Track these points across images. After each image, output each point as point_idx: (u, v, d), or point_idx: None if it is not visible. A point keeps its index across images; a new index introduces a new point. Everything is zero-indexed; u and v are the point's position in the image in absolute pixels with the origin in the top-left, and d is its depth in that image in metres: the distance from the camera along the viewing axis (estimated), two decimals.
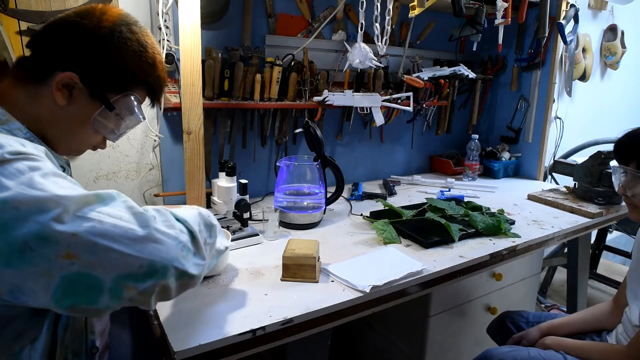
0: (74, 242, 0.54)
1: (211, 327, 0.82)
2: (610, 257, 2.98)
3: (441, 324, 1.46)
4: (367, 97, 1.72)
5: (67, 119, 0.74)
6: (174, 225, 0.65)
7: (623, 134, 1.16)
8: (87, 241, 0.55)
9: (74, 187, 0.59)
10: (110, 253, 0.56)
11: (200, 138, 1.23)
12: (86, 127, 0.76)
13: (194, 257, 0.66)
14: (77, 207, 0.56)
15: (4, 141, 0.58)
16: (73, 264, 0.54)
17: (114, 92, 0.76)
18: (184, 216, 0.69)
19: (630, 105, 3.08)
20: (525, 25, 2.02)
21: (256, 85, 1.47)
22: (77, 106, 0.73)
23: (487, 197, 1.77)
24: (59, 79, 0.70)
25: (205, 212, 0.77)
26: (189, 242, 0.66)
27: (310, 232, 1.34)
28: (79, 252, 0.54)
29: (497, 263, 1.28)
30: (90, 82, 0.72)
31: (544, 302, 2.41)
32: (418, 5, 1.45)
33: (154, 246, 0.60)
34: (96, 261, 0.55)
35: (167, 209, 0.68)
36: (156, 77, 0.80)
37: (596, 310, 1.28)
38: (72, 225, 0.54)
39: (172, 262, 0.61)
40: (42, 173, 0.57)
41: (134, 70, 0.76)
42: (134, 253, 0.57)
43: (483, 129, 2.32)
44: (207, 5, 1.38)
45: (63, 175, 0.60)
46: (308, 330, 0.90)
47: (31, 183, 0.55)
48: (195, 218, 0.72)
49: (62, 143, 0.76)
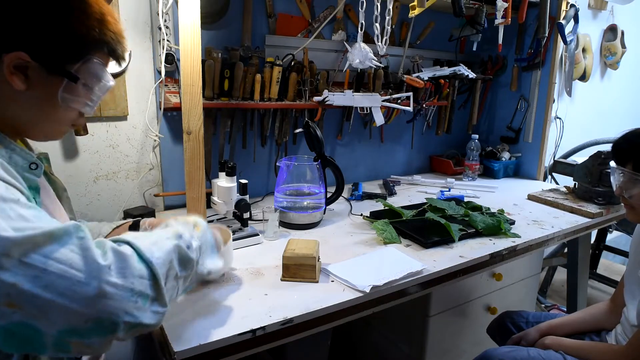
0: (14, 292, 0.49)
1: (211, 327, 0.82)
2: (610, 257, 2.98)
3: (441, 324, 1.46)
4: (367, 97, 1.72)
5: (32, 103, 0.67)
6: (132, 272, 0.57)
7: (620, 135, 1.15)
8: (28, 293, 0.49)
9: (27, 219, 0.52)
10: (53, 306, 0.50)
11: (200, 138, 1.23)
12: (56, 107, 0.69)
13: (151, 305, 0.59)
14: (21, 251, 0.49)
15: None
16: (15, 312, 0.49)
17: (72, 61, 0.68)
18: (152, 255, 0.60)
19: (630, 105, 3.08)
20: (525, 25, 2.02)
21: (256, 85, 1.47)
22: (38, 87, 0.66)
23: (487, 197, 1.77)
24: (8, 62, 0.63)
25: (186, 239, 0.68)
26: (149, 288, 0.58)
27: (310, 232, 1.34)
28: (20, 302, 0.49)
29: (497, 263, 1.28)
30: (43, 57, 0.65)
31: (544, 302, 2.41)
32: (418, 5, 1.44)
33: (102, 301, 0.53)
34: (39, 313, 0.50)
35: (135, 245, 0.60)
36: (110, 33, 0.71)
37: (594, 310, 1.29)
38: (13, 273, 0.48)
39: (122, 317, 0.54)
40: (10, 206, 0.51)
41: (82, 31, 0.67)
42: (79, 308, 0.51)
43: (483, 129, 2.32)
44: (207, 5, 1.38)
45: (14, 201, 0.54)
46: (308, 330, 0.90)
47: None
48: (168, 254, 0.64)
49: (36, 130, 0.71)
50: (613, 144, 1.17)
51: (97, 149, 1.34)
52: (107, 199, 1.37)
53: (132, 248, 0.59)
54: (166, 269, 0.62)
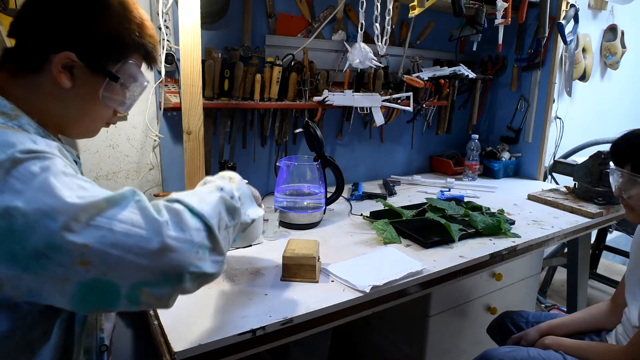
0: (86, 252, 0.53)
1: (211, 327, 0.82)
2: (610, 257, 2.98)
3: (441, 324, 1.46)
4: (367, 97, 1.72)
5: (75, 101, 0.72)
6: (189, 226, 0.60)
7: (619, 136, 1.15)
8: (99, 251, 0.53)
9: (86, 189, 0.57)
10: (123, 262, 0.54)
11: (200, 138, 1.23)
12: (96, 105, 0.75)
13: (210, 255, 0.62)
14: (88, 215, 0.54)
15: (15, 139, 0.56)
16: (88, 271, 0.53)
17: (112, 62, 0.73)
18: (202, 208, 0.63)
19: (630, 105, 3.08)
20: (525, 25, 2.02)
21: (256, 85, 1.47)
22: (82, 85, 0.71)
23: (487, 197, 1.77)
24: (57, 61, 0.67)
25: (228, 191, 0.72)
26: (206, 239, 0.62)
27: (310, 232, 1.34)
28: (93, 260, 0.53)
29: (497, 263, 1.28)
30: (88, 57, 0.70)
31: (544, 302, 2.41)
32: (418, 5, 1.45)
33: (167, 255, 0.56)
34: (110, 269, 0.54)
35: (184, 202, 0.63)
36: (148, 37, 0.77)
37: (594, 310, 1.29)
38: (82, 235, 0.53)
39: (187, 268, 0.58)
40: (54, 173, 0.55)
41: (124, 34, 0.73)
42: (146, 263, 0.55)
43: (483, 129, 2.32)
44: (207, 5, 1.38)
45: (74, 175, 0.58)
46: (308, 330, 0.90)
47: (43, 187, 0.53)
48: (216, 207, 0.66)
49: (75, 127, 0.76)
50: (612, 145, 1.17)
51: (97, 149, 1.34)
52: None
53: (183, 205, 0.62)
54: (217, 219, 0.65)
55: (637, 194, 1.09)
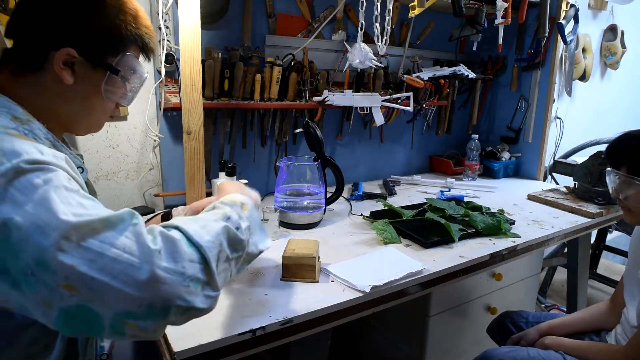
0: (71, 275, 0.50)
1: (211, 327, 0.82)
2: (610, 257, 2.99)
3: (441, 324, 1.46)
4: (367, 97, 1.72)
5: (78, 97, 0.72)
6: (183, 257, 0.56)
7: (615, 137, 1.15)
8: (85, 275, 0.50)
9: (85, 207, 0.55)
10: (108, 289, 0.51)
11: (200, 138, 1.23)
12: (100, 99, 0.75)
13: (203, 289, 0.58)
14: (80, 235, 0.51)
15: (22, 148, 0.55)
16: (72, 296, 0.51)
17: (112, 55, 0.73)
18: (201, 238, 0.59)
19: (630, 105, 3.08)
20: (525, 25, 2.02)
21: (256, 85, 1.47)
22: (84, 81, 0.71)
23: (487, 197, 1.77)
24: (59, 58, 0.67)
25: (234, 221, 0.66)
26: (200, 271, 0.57)
27: (310, 232, 1.34)
28: (78, 285, 0.51)
29: (497, 263, 1.28)
30: (88, 52, 0.69)
31: (544, 302, 2.41)
32: (418, 5, 1.45)
33: (155, 286, 0.53)
34: (95, 296, 0.51)
35: (183, 229, 0.59)
36: (144, 28, 0.76)
37: (594, 310, 1.29)
38: (71, 255, 0.50)
39: (174, 301, 0.54)
40: (55, 187, 0.54)
41: (120, 26, 0.72)
42: (132, 292, 0.52)
43: (483, 129, 2.32)
44: (207, 5, 1.38)
45: (76, 190, 0.56)
46: (308, 330, 0.90)
47: (42, 201, 0.52)
48: (217, 237, 0.61)
49: (80, 123, 0.76)
50: (607, 147, 1.16)
51: (97, 149, 1.34)
52: (107, 199, 1.37)
53: (181, 232, 0.59)
54: (217, 251, 0.60)
55: (634, 195, 1.09)
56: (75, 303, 0.51)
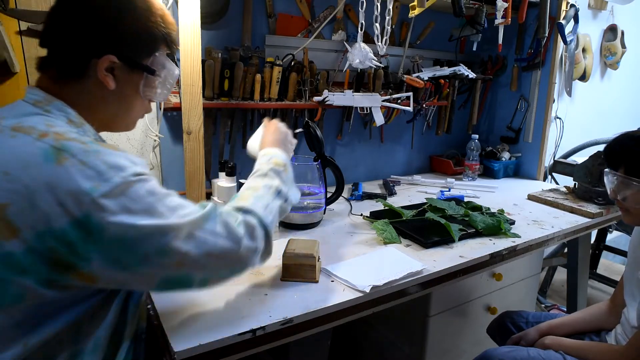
0: (184, 257, 0.66)
1: (211, 327, 0.82)
2: (610, 257, 2.99)
3: (441, 324, 1.46)
4: (367, 97, 1.72)
5: (119, 99, 0.76)
6: (257, 237, 0.77)
7: (612, 138, 1.15)
8: (195, 256, 0.67)
9: (183, 206, 0.69)
10: (209, 264, 0.70)
11: (200, 138, 1.23)
12: (138, 99, 0.80)
13: (263, 256, 0.81)
14: (189, 229, 0.67)
15: (122, 161, 0.64)
16: (180, 269, 0.67)
17: (146, 56, 0.77)
18: (267, 220, 0.80)
19: (630, 105, 3.08)
20: (525, 25, 2.02)
21: (256, 85, 1.48)
22: (124, 84, 0.75)
23: (487, 197, 1.77)
24: (102, 65, 0.71)
25: (284, 194, 0.89)
26: (265, 244, 0.80)
27: (310, 232, 1.34)
28: (187, 262, 0.67)
29: (497, 263, 1.28)
30: (126, 57, 0.73)
31: (544, 302, 2.41)
32: (418, 5, 1.45)
33: (240, 259, 0.74)
34: (197, 268, 0.69)
35: (257, 214, 0.79)
36: (171, 25, 0.81)
37: (594, 310, 1.29)
38: (184, 244, 0.66)
39: (248, 267, 0.78)
40: (158, 197, 0.66)
41: (152, 27, 0.76)
42: (224, 265, 0.73)
43: (483, 129, 2.32)
44: (207, 5, 1.38)
45: (166, 193, 0.68)
46: (308, 330, 0.90)
47: (152, 209, 0.64)
48: (275, 215, 0.85)
49: (120, 122, 0.81)
50: (605, 148, 1.16)
51: None
52: None
53: (256, 218, 0.78)
54: (274, 224, 0.84)
55: (632, 196, 1.08)
56: (180, 273, 0.68)
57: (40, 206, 0.58)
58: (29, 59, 1.19)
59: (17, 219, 0.58)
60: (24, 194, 0.59)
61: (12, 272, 0.59)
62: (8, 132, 0.63)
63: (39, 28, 1.17)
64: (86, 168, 0.61)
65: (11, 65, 1.15)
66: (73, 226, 0.59)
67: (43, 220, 0.58)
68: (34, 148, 0.61)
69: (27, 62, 1.19)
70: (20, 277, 0.59)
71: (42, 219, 0.58)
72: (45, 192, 0.59)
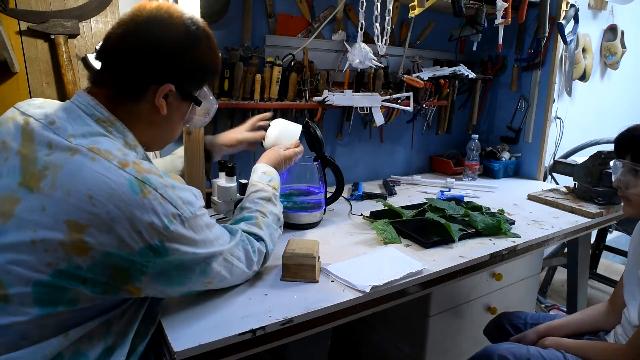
0: (215, 276, 0.82)
1: (211, 327, 0.82)
2: (610, 257, 2.99)
3: (441, 324, 1.46)
4: (367, 97, 1.72)
5: (165, 123, 0.83)
6: (262, 260, 0.97)
7: (624, 129, 1.20)
8: (222, 276, 0.84)
9: (222, 236, 0.82)
10: (227, 281, 0.88)
11: (200, 138, 1.23)
12: (180, 125, 0.87)
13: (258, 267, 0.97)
14: (224, 255, 0.82)
15: (191, 196, 0.73)
16: (207, 286, 0.84)
17: (197, 88, 0.84)
18: (271, 247, 0.99)
19: (630, 105, 3.09)
20: (525, 25, 2.02)
21: (256, 85, 1.48)
22: (174, 111, 0.81)
23: (487, 197, 1.77)
24: (160, 92, 0.77)
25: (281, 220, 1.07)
26: (263, 261, 0.98)
27: (310, 232, 1.34)
28: (215, 280, 0.83)
29: (497, 263, 1.28)
30: (181, 87, 0.80)
31: (544, 302, 2.42)
32: (418, 5, 1.45)
33: (246, 278, 0.95)
34: (218, 284, 0.87)
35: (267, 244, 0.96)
36: (219, 61, 0.88)
37: (592, 312, 1.28)
38: (219, 267, 0.82)
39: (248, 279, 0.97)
40: (209, 227, 0.78)
41: (208, 65, 0.83)
42: (234, 281, 0.92)
43: (483, 129, 2.32)
44: (207, 5, 1.37)
45: (213, 222, 0.80)
46: (308, 330, 0.91)
47: (207, 239, 0.77)
48: (275, 241, 1.03)
49: (160, 144, 0.88)
50: (615, 138, 1.21)
51: None
52: None
53: (265, 247, 0.96)
54: (272, 249, 1.01)
55: (635, 182, 1.13)
56: (204, 287, 0.84)
57: (118, 232, 0.64)
58: (29, 59, 1.19)
59: (92, 239, 0.63)
60: (104, 220, 0.64)
61: (74, 282, 0.64)
62: (86, 152, 0.67)
63: (39, 28, 1.18)
64: (166, 203, 0.68)
65: (11, 65, 1.15)
66: (142, 250, 0.67)
67: (116, 244, 0.64)
68: (119, 177, 0.66)
69: (27, 62, 1.19)
70: (80, 286, 0.65)
71: (116, 243, 0.64)
72: (125, 221, 0.64)
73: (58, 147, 0.67)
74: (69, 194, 0.64)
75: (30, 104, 0.75)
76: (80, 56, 1.26)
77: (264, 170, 1.10)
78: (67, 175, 0.65)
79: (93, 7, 1.26)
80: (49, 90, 1.23)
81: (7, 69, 1.15)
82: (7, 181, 0.68)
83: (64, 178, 0.65)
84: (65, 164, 0.66)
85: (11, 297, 0.63)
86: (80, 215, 0.63)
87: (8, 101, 1.17)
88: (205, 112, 0.90)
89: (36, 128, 0.70)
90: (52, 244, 0.63)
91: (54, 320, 0.65)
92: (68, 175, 0.65)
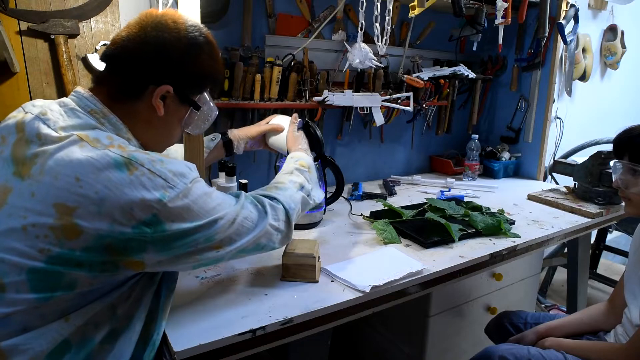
0: (224, 240, 0.77)
1: (211, 327, 0.82)
2: (610, 257, 2.99)
3: (441, 324, 1.46)
4: (367, 97, 1.72)
5: (162, 125, 0.83)
6: (280, 218, 0.88)
7: (622, 130, 1.21)
8: (231, 239, 0.78)
9: (224, 200, 0.79)
10: (239, 243, 0.80)
11: (200, 138, 1.23)
12: (178, 128, 0.87)
13: (283, 239, 0.90)
14: (229, 218, 0.77)
15: (182, 168, 0.72)
16: (217, 252, 0.77)
17: (196, 93, 0.85)
18: (290, 206, 0.90)
19: (630, 105, 3.09)
20: (525, 25, 2.02)
21: (256, 85, 1.47)
22: (171, 113, 0.82)
23: (487, 197, 1.77)
24: (158, 92, 0.78)
25: (307, 189, 0.99)
26: (285, 227, 0.89)
27: (310, 232, 1.34)
28: (224, 244, 0.77)
29: (497, 263, 1.28)
30: (180, 90, 0.81)
31: (544, 302, 2.42)
32: (418, 5, 1.45)
33: (265, 236, 0.85)
34: (229, 248, 0.78)
35: (282, 201, 0.89)
36: (221, 69, 0.90)
37: (592, 311, 1.29)
38: (228, 230, 0.77)
39: (269, 245, 0.87)
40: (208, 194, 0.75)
41: (209, 71, 0.85)
42: (252, 242, 0.83)
43: (483, 129, 2.32)
44: (207, 5, 1.37)
45: (212, 190, 0.78)
46: (308, 330, 0.91)
47: (207, 206, 0.74)
48: (298, 204, 0.94)
49: (156, 146, 0.86)
50: (614, 139, 1.22)
51: None
52: None
53: (281, 204, 0.89)
54: (296, 212, 0.93)
55: (634, 182, 1.14)
56: (215, 257, 0.78)
57: (108, 211, 0.64)
58: (29, 59, 1.19)
59: (83, 221, 0.63)
60: (93, 200, 0.64)
61: (69, 267, 0.64)
62: (75, 139, 0.68)
63: (39, 28, 1.18)
64: (155, 177, 0.68)
65: (11, 65, 1.15)
66: (136, 227, 0.65)
67: (108, 223, 0.64)
68: (105, 156, 0.67)
69: (27, 62, 1.19)
70: (75, 270, 0.64)
71: (107, 222, 0.64)
72: (114, 199, 0.64)
73: (48, 137, 0.69)
74: (56, 178, 0.65)
75: (35, 105, 0.77)
76: (80, 56, 1.26)
77: (290, 155, 1.11)
78: (55, 161, 0.66)
79: (93, 7, 1.26)
80: (49, 90, 1.23)
81: (7, 69, 1.15)
82: (1, 172, 0.70)
83: (53, 163, 0.66)
84: (54, 151, 0.67)
85: (7, 285, 0.63)
86: (68, 198, 0.64)
87: (8, 101, 1.17)
88: (204, 117, 0.91)
89: (28, 120, 0.73)
90: (42, 228, 0.63)
91: (54, 306, 0.65)
92: (56, 161, 0.66)
